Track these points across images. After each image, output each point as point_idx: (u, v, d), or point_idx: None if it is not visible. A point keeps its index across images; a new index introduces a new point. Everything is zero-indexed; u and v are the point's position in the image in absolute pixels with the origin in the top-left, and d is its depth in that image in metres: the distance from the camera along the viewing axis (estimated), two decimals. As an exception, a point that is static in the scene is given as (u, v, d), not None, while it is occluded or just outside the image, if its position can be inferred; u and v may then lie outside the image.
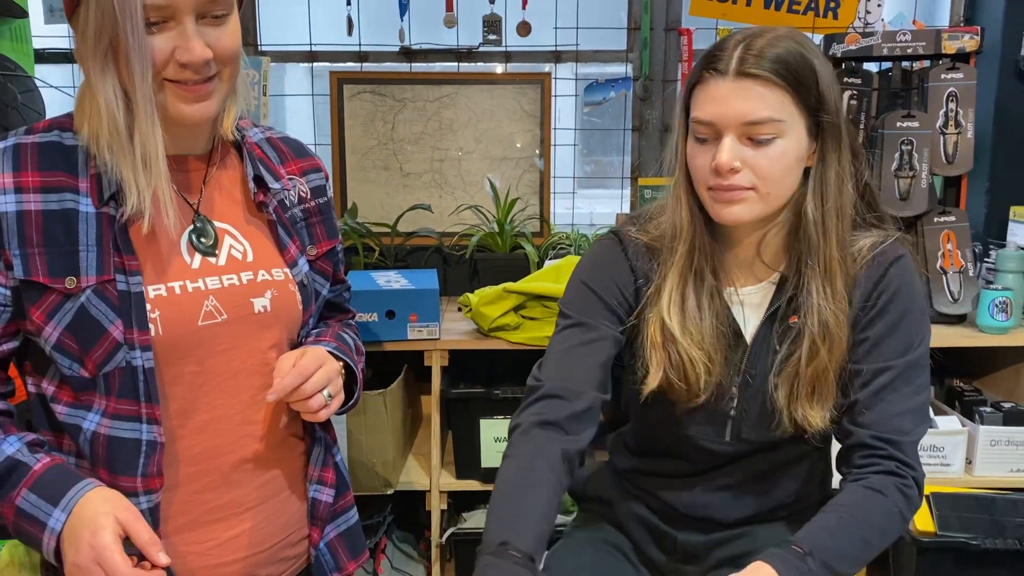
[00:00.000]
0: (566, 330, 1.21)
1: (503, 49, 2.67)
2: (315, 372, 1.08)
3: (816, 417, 1.13)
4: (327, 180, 1.28)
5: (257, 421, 1.13)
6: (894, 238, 1.18)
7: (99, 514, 0.95)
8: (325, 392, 1.09)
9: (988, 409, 2.12)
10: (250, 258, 1.13)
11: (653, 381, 1.17)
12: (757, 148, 1.08)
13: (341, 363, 1.17)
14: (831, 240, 1.12)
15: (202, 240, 1.10)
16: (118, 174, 1.01)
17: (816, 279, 1.13)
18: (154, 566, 0.96)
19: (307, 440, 1.22)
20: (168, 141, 1.03)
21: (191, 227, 1.09)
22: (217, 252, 1.10)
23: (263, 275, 1.13)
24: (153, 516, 1.05)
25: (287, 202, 1.19)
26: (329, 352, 1.15)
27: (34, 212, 0.99)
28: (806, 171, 1.14)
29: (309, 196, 1.23)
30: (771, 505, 1.27)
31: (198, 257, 1.09)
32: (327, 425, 1.25)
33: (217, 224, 1.12)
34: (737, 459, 1.24)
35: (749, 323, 1.20)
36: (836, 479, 1.22)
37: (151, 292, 1.03)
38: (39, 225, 0.99)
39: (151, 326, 1.02)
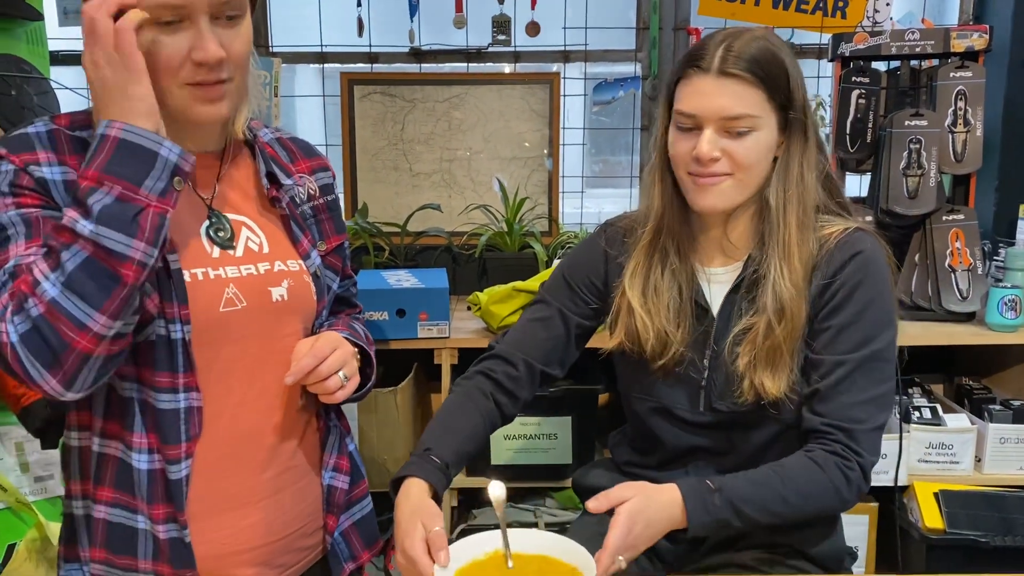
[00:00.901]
0: (531, 305, 1.42)
1: (512, 49, 2.68)
2: (330, 354, 1.11)
3: (771, 385, 1.21)
4: (334, 179, 1.32)
5: (275, 408, 1.16)
6: (855, 227, 1.26)
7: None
8: (341, 373, 1.12)
9: (997, 407, 2.13)
10: (266, 250, 1.16)
11: (613, 342, 1.32)
12: (734, 139, 1.19)
13: (356, 348, 1.20)
14: (791, 224, 1.22)
15: (220, 234, 1.12)
16: None
17: (775, 259, 1.23)
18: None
19: (322, 428, 1.25)
20: (181, 139, 1.05)
21: (207, 222, 1.12)
22: (235, 244, 1.13)
23: (279, 265, 1.16)
24: (187, 484, 1.08)
25: (298, 199, 1.22)
26: (343, 338, 1.18)
27: (74, 182, 0.99)
28: (774, 162, 1.25)
29: (318, 194, 1.26)
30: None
31: (217, 248, 1.12)
32: (340, 415, 1.28)
33: (232, 217, 1.15)
34: (717, 436, 1.30)
35: (716, 299, 1.30)
36: None
37: None
38: None
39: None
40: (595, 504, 1.12)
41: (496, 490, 1.23)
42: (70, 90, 2.33)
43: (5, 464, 1.74)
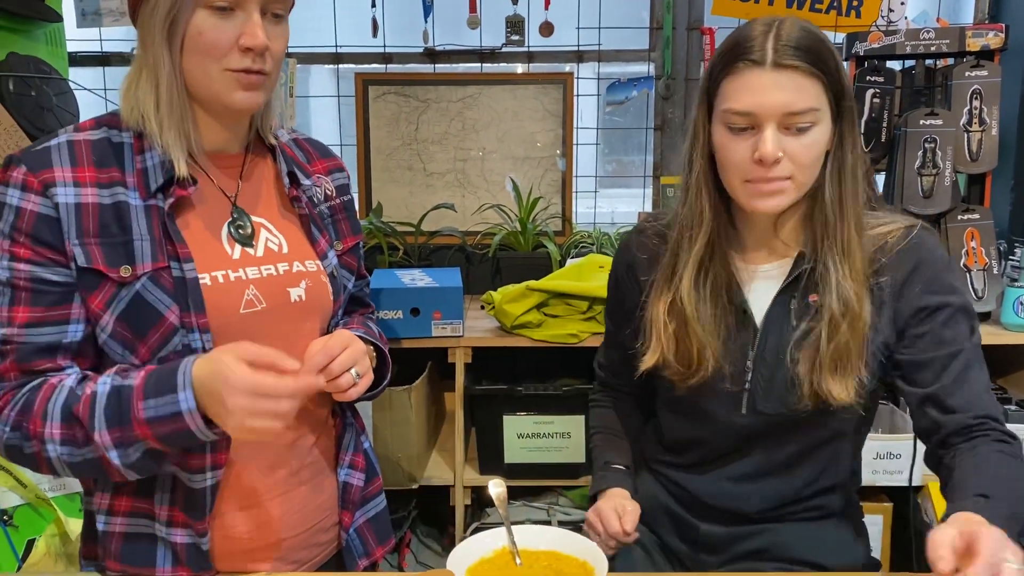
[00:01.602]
0: (605, 336, 1.47)
1: (526, 49, 2.69)
2: (342, 352, 1.11)
3: (840, 391, 1.15)
4: (349, 179, 1.34)
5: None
6: (911, 225, 1.21)
7: (218, 363, 0.95)
8: (353, 371, 1.12)
9: (1013, 407, 2.11)
10: (285, 250, 1.17)
11: (651, 360, 1.25)
12: (795, 137, 1.11)
13: (370, 346, 1.21)
14: (848, 221, 1.16)
15: (241, 231, 1.14)
16: (167, 145, 1.06)
17: (834, 259, 1.16)
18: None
19: (338, 426, 1.26)
20: (212, 133, 1.10)
21: (229, 219, 1.14)
22: (254, 243, 1.15)
23: (298, 266, 1.17)
24: (213, 494, 1.09)
25: (315, 199, 1.24)
26: (357, 336, 1.18)
27: (91, 205, 1.03)
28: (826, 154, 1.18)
29: (334, 194, 1.28)
30: (793, 495, 1.27)
31: (238, 248, 1.13)
32: (355, 413, 1.29)
33: (253, 218, 1.16)
34: (756, 439, 1.25)
35: (762, 299, 1.23)
36: (867, 474, 1.22)
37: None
38: (95, 217, 1.03)
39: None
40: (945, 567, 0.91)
41: (496, 488, 1.24)
42: (88, 90, 2.36)
43: (25, 460, 1.76)
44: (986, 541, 0.91)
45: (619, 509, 1.25)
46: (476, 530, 2.19)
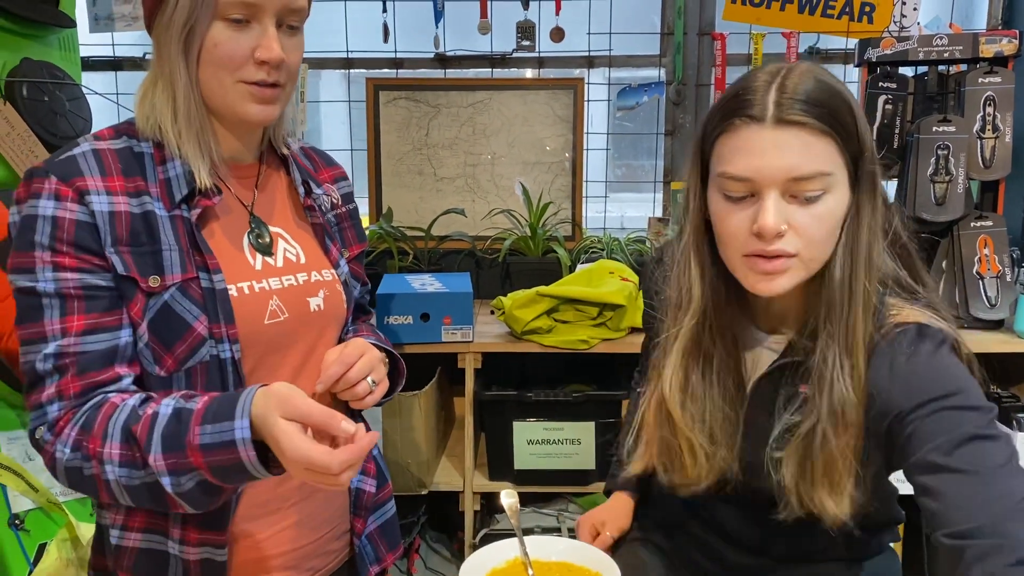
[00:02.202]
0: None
1: (536, 55, 2.69)
2: (358, 360, 1.12)
3: (832, 506, 1.00)
4: (352, 187, 1.35)
5: None
6: (920, 323, 1.00)
7: (271, 423, 0.92)
8: (369, 379, 1.13)
9: (1026, 416, 2.10)
10: (302, 260, 1.18)
11: (638, 466, 1.14)
12: (803, 207, 0.95)
13: (383, 353, 1.21)
14: (857, 306, 0.99)
15: (260, 241, 1.14)
16: (186, 156, 1.06)
17: (834, 349, 0.99)
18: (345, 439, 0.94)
19: None
20: (226, 145, 1.10)
21: (248, 229, 1.14)
22: (273, 252, 1.15)
23: (315, 276, 1.18)
24: (236, 505, 1.09)
25: (323, 207, 1.24)
26: (370, 344, 1.19)
27: (123, 213, 1.03)
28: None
29: (340, 202, 1.30)
30: (827, 540, 1.13)
31: (260, 259, 1.13)
32: (363, 420, 1.29)
33: (271, 228, 1.17)
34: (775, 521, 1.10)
35: (752, 376, 1.09)
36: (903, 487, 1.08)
37: None
38: (127, 226, 1.03)
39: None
40: None
41: (509, 498, 1.24)
42: (100, 95, 2.36)
43: (36, 465, 1.76)
44: None
45: (598, 526, 1.29)
46: (485, 536, 2.19)
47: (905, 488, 1.07)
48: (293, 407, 0.92)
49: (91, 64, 2.62)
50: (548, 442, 2.18)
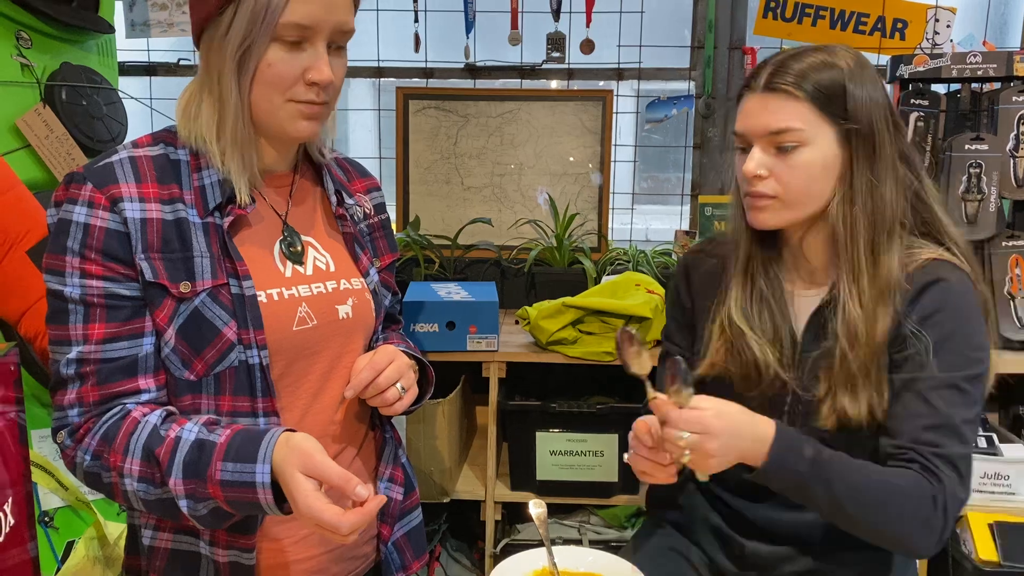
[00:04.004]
0: (661, 359, 1.44)
1: (566, 66, 2.70)
2: (387, 367, 1.13)
3: (852, 409, 1.18)
4: (384, 198, 1.37)
5: (338, 422, 1.19)
6: (937, 257, 1.21)
7: (288, 474, 0.96)
8: (398, 385, 1.14)
9: (1056, 438, 2.07)
10: (332, 268, 1.19)
11: (705, 368, 1.29)
12: (782, 156, 1.18)
13: (412, 360, 1.22)
14: (859, 244, 1.19)
15: (291, 249, 1.16)
16: (228, 171, 1.07)
17: (844, 282, 1.20)
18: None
19: (378, 440, 1.27)
20: (262, 156, 1.11)
21: (281, 237, 1.15)
22: (304, 261, 1.16)
23: (345, 284, 1.19)
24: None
25: (355, 217, 1.26)
26: (400, 351, 1.20)
27: (155, 220, 1.05)
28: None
29: (373, 213, 1.31)
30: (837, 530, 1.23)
31: (289, 266, 1.15)
32: (392, 427, 1.30)
33: (302, 237, 1.18)
34: None
35: (801, 323, 1.28)
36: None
37: None
38: (159, 232, 1.05)
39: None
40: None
41: (537, 508, 1.24)
42: (135, 99, 2.40)
43: (66, 463, 1.79)
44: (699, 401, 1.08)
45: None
46: (506, 547, 2.18)
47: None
48: (312, 465, 0.95)
49: (126, 69, 2.66)
50: (571, 453, 2.17)
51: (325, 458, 0.96)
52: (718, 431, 1.08)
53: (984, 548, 1.95)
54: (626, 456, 1.23)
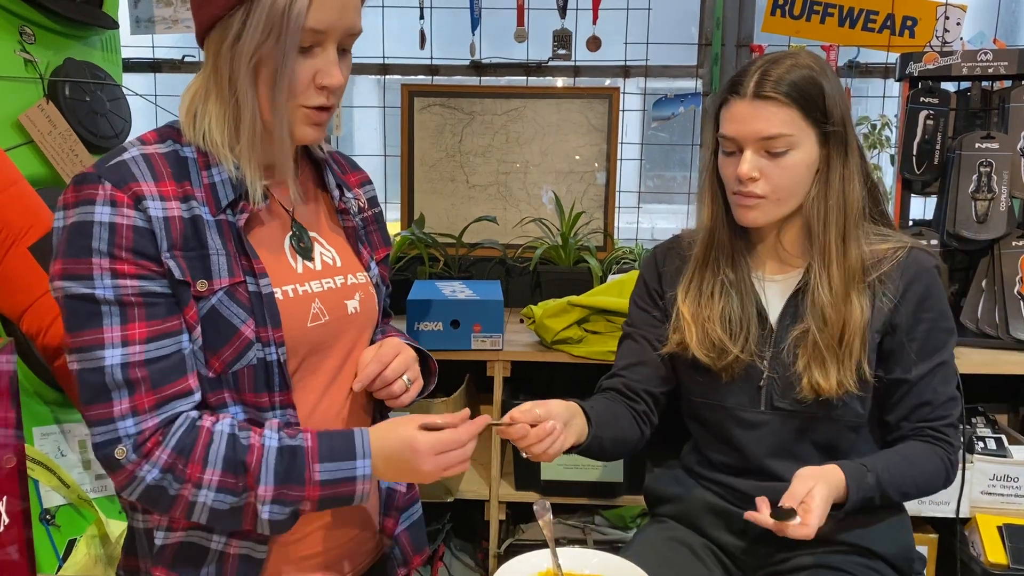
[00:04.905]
0: (621, 342, 1.53)
1: (572, 64, 2.68)
2: (393, 359, 1.14)
3: (824, 383, 1.29)
4: (376, 191, 1.36)
5: (343, 415, 1.19)
6: (911, 247, 1.35)
7: (402, 437, 1.04)
8: (405, 377, 1.15)
9: (1066, 440, 2.05)
10: (338, 263, 1.19)
11: (666, 348, 1.42)
12: (773, 159, 1.28)
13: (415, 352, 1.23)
14: (831, 233, 1.30)
15: (300, 244, 1.15)
16: (243, 176, 1.06)
17: (816, 267, 1.32)
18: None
19: None
20: (265, 155, 1.09)
21: (290, 233, 1.15)
22: (312, 256, 1.16)
23: (351, 279, 1.19)
24: None
25: (352, 211, 1.25)
26: (404, 343, 1.21)
27: (176, 218, 1.03)
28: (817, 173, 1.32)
29: (367, 206, 1.31)
30: None
31: (300, 262, 1.14)
32: None
33: (309, 233, 1.18)
34: (780, 434, 1.37)
35: (775, 305, 1.38)
36: (913, 505, 1.37)
37: None
38: (180, 230, 1.03)
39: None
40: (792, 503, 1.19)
41: (543, 509, 1.23)
42: (140, 96, 2.39)
43: (68, 461, 1.78)
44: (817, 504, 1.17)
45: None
46: (510, 547, 2.17)
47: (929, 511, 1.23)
48: (416, 417, 1.07)
49: (131, 65, 2.65)
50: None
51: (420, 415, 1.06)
52: (822, 513, 1.19)
53: (993, 551, 1.93)
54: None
